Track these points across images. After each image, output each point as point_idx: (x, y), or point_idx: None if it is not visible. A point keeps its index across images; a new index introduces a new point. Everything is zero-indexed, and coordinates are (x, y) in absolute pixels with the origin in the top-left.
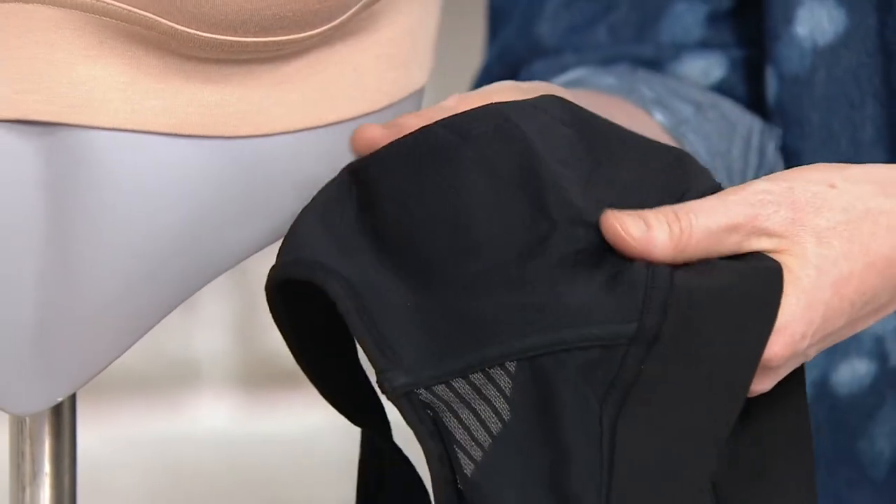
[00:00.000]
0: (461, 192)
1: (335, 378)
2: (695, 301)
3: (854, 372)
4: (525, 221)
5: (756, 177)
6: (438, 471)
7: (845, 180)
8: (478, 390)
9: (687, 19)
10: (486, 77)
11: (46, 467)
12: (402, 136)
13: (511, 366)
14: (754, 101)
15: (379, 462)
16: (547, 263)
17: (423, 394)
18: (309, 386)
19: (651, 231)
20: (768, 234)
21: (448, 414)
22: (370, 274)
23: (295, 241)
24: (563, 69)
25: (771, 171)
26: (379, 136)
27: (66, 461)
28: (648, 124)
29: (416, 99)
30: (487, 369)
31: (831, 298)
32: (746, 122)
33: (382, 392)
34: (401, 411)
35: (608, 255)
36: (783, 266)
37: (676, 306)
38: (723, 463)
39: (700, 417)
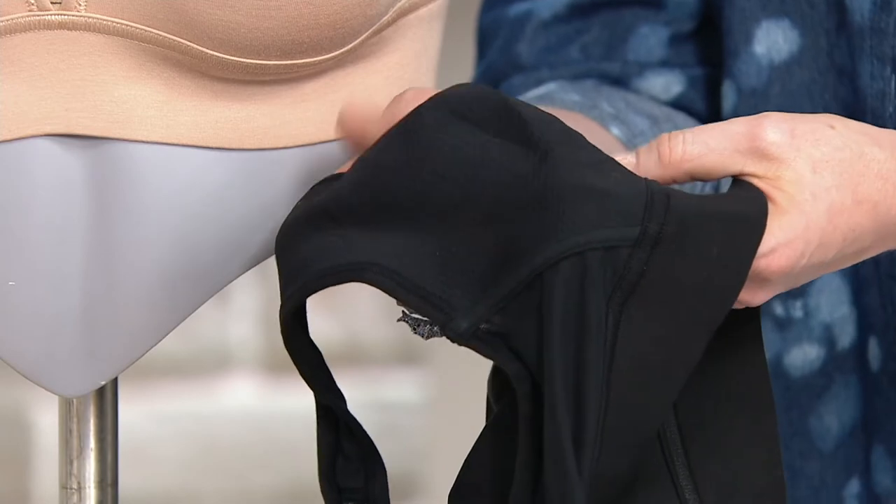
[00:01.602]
0: (454, 147)
1: (307, 360)
2: (690, 212)
3: (805, 356)
4: (521, 153)
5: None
6: (522, 388)
7: (845, 126)
8: (524, 307)
9: (651, 41)
10: None
11: (92, 443)
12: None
13: (540, 279)
14: (709, 114)
15: (336, 433)
16: (548, 181)
17: (486, 327)
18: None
19: (683, 144)
20: (766, 157)
21: (514, 335)
22: (390, 243)
23: (301, 259)
24: (539, 82)
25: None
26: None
27: (110, 437)
28: (605, 138)
29: None
30: (522, 291)
31: (826, 226)
32: None
33: (454, 341)
34: (476, 350)
35: (606, 166)
36: (780, 191)
37: (675, 213)
38: (688, 411)
39: (691, 318)
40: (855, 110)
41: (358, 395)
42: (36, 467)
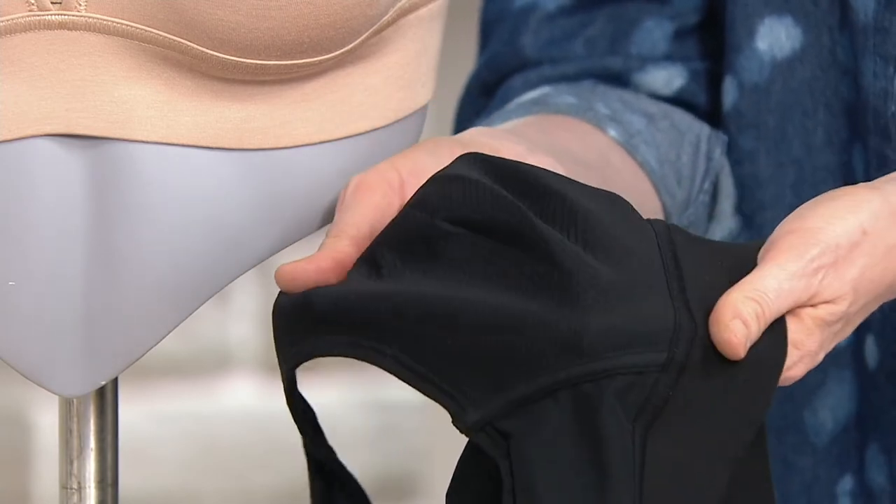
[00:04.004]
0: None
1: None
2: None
3: None
4: (541, 274)
5: (705, 179)
6: (510, 485)
7: (874, 222)
8: (535, 418)
9: (655, 35)
10: (476, 80)
11: (92, 443)
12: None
13: (560, 394)
14: (711, 108)
15: (329, 486)
16: (576, 299)
17: (496, 424)
18: (323, 369)
19: (750, 332)
20: (820, 303)
21: (514, 438)
22: (411, 329)
23: (318, 317)
24: (541, 80)
25: (717, 174)
26: (292, 270)
27: (110, 437)
28: (600, 140)
29: (420, 115)
30: (541, 399)
31: (849, 327)
32: (695, 129)
33: (462, 432)
34: (481, 444)
35: (634, 287)
36: (814, 315)
37: (700, 342)
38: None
39: (718, 438)
40: (857, 108)
41: (358, 396)
42: (36, 467)
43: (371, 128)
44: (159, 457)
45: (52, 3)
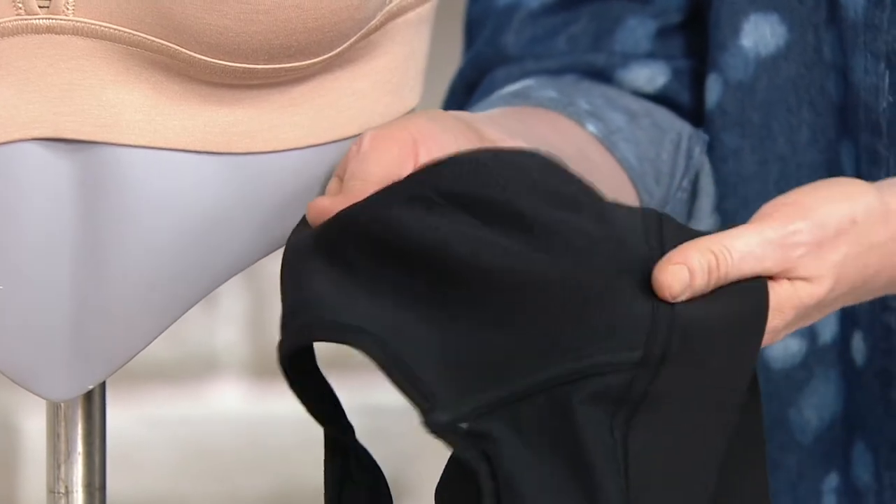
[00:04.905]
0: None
1: (308, 386)
2: (693, 328)
3: (787, 349)
4: (525, 258)
5: (684, 177)
6: (489, 489)
7: (867, 215)
8: (513, 420)
9: (637, 33)
10: (460, 80)
11: (79, 447)
12: (353, 202)
13: (537, 396)
14: (694, 106)
15: (344, 459)
16: (552, 301)
17: (465, 426)
18: None
19: (693, 282)
20: (794, 272)
21: (491, 441)
22: (392, 318)
23: (304, 300)
24: (523, 74)
25: (697, 173)
26: (329, 205)
27: (97, 441)
28: (578, 136)
29: None
30: (517, 402)
31: (830, 307)
32: (676, 127)
33: (430, 431)
34: (450, 445)
35: (612, 288)
36: (797, 296)
37: (678, 334)
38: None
39: (700, 426)
40: (846, 105)
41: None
42: (23, 471)
43: (359, 131)
44: (147, 461)
45: (39, 7)
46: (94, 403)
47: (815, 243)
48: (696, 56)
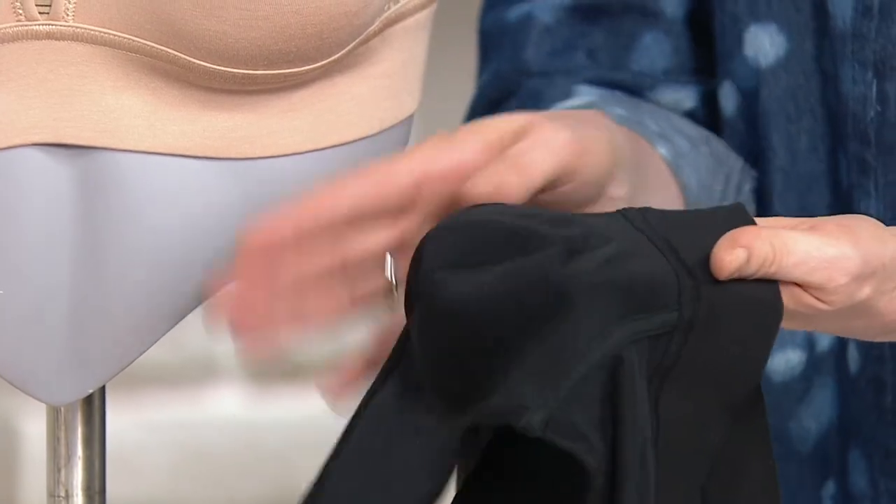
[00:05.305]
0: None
1: None
2: (717, 296)
3: (787, 362)
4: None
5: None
6: (600, 482)
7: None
8: (589, 399)
9: (653, 52)
10: (481, 99)
11: (79, 451)
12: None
13: (599, 372)
14: (710, 121)
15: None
16: (584, 276)
17: (560, 417)
18: (308, 378)
19: (746, 268)
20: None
21: (583, 426)
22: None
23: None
24: (567, 93)
25: None
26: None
27: (97, 445)
28: (653, 157)
29: (406, 124)
30: (585, 381)
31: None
32: (730, 161)
33: (531, 435)
34: (553, 443)
35: (631, 257)
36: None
37: (706, 299)
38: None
39: (718, 396)
40: (837, 114)
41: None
42: (23, 475)
43: (358, 137)
44: (146, 465)
45: (39, 13)
46: (93, 407)
47: (857, 276)
48: (709, 72)
